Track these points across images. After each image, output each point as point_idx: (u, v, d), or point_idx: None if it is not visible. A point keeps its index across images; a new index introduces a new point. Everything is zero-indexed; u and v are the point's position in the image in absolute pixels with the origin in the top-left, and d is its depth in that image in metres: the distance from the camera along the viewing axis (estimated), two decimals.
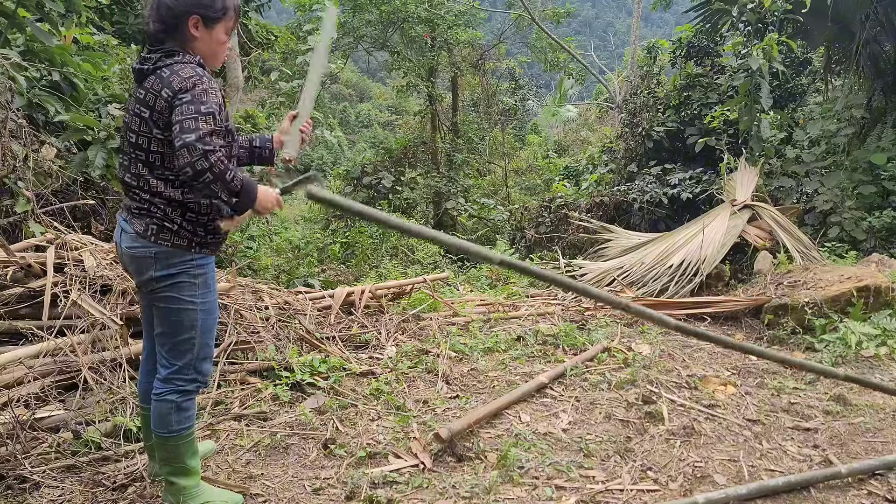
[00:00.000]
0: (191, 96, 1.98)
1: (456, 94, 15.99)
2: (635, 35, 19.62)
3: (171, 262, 2.15)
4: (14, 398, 2.85)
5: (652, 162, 9.40)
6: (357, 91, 41.86)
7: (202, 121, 1.95)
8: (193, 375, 2.25)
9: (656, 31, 45.58)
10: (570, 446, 2.88)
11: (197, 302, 2.20)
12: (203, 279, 2.21)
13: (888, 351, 3.99)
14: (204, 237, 2.19)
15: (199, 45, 2.14)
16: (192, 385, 2.25)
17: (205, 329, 2.24)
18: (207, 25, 2.12)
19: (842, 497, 2.49)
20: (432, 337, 4.35)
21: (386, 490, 2.49)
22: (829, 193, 7.19)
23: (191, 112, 1.95)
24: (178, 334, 2.21)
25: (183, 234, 2.14)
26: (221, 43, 2.19)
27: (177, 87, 2.00)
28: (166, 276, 2.16)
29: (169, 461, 2.27)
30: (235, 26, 2.21)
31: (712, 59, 9.75)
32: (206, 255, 2.21)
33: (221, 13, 2.13)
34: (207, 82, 2.04)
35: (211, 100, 2.01)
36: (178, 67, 2.05)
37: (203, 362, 2.27)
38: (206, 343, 2.26)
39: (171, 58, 2.09)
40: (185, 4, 2.08)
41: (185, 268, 2.17)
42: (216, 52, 2.19)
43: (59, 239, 3.80)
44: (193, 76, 2.03)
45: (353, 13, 14.33)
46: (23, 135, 4.30)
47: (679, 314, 5.02)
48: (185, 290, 2.18)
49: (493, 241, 10.40)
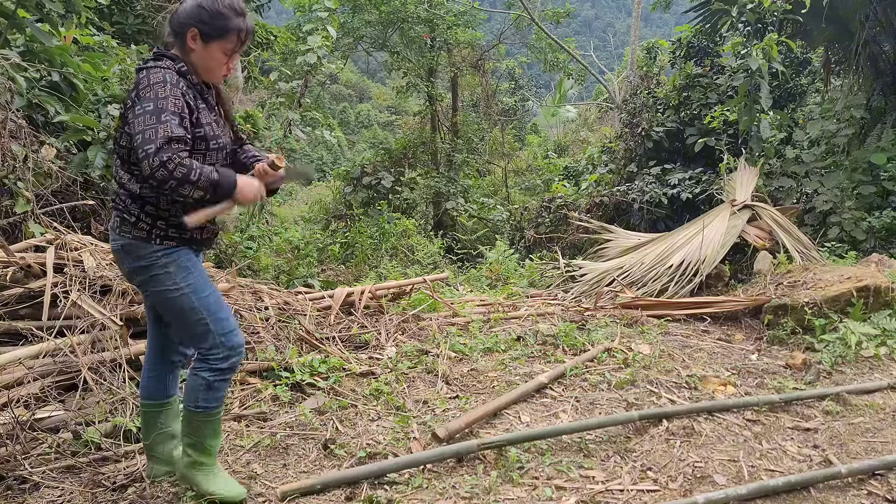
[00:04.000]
0: (153, 104, 2.02)
1: (456, 95, 15.99)
2: (635, 35, 19.63)
3: (138, 255, 2.20)
4: (14, 398, 2.85)
5: (651, 162, 9.40)
6: (357, 91, 41.87)
7: (161, 128, 1.98)
8: (226, 353, 2.27)
9: (656, 32, 45.59)
10: (570, 446, 2.88)
11: (181, 286, 2.21)
12: (176, 266, 2.21)
13: (888, 351, 3.99)
14: (165, 230, 2.20)
15: (195, 57, 2.20)
16: (226, 363, 2.28)
17: (207, 306, 2.25)
18: (205, 41, 2.17)
19: (841, 497, 2.49)
20: (432, 337, 4.34)
21: (386, 490, 2.50)
22: (828, 193, 7.19)
23: (150, 121, 1.99)
24: (184, 320, 2.26)
25: (141, 227, 2.18)
26: (216, 60, 2.21)
27: (141, 91, 2.06)
28: (138, 269, 2.22)
29: (190, 433, 2.36)
30: (238, 49, 2.21)
31: (712, 60, 9.76)
32: (170, 246, 2.21)
33: (219, 33, 2.16)
34: (172, 88, 2.06)
35: (171, 106, 2.03)
36: (153, 71, 2.10)
37: (228, 336, 2.28)
38: (219, 318, 2.27)
39: (156, 61, 2.16)
40: (187, 16, 2.16)
41: (151, 260, 2.20)
42: (210, 68, 2.22)
43: (58, 239, 3.80)
44: (159, 82, 2.06)
45: (353, 13, 14.33)
46: (22, 135, 4.30)
47: (679, 314, 5.03)
48: (163, 280, 2.21)
49: (493, 241, 10.40)
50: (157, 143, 1.97)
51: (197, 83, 2.22)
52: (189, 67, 2.20)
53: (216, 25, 2.15)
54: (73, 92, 4.83)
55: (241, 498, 2.38)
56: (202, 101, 2.23)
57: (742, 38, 7.76)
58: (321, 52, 8.68)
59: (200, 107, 2.20)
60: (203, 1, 2.16)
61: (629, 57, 19.46)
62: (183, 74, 2.17)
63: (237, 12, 2.18)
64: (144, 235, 2.18)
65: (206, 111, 2.24)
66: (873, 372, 3.79)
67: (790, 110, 9.52)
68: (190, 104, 2.13)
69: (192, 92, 2.17)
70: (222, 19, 2.15)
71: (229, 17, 2.16)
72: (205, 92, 2.26)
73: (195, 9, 2.15)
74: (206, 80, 2.28)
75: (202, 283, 2.27)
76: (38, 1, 4.58)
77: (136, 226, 2.18)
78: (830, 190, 7.23)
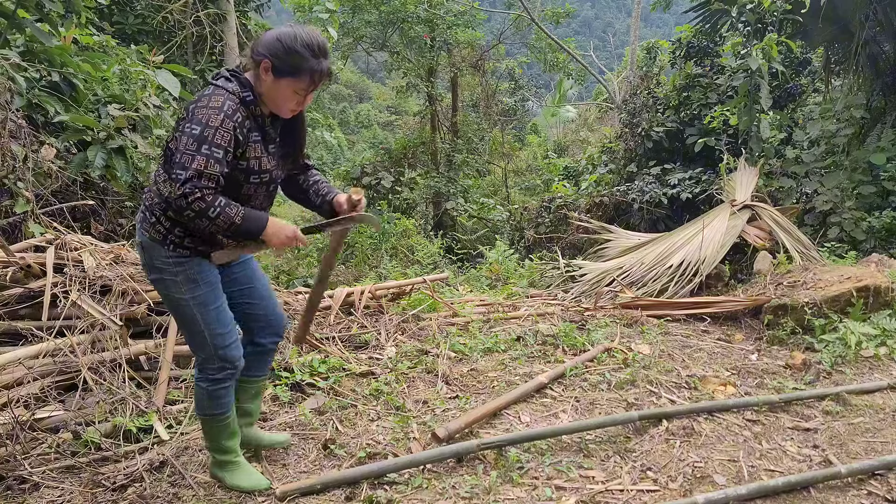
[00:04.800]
0: (199, 129, 2.01)
1: (455, 95, 15.99)
2: (635, 35, 19.65)
3: (152, 256, 2.22)
4: (14, 399, 2.85)
5: (651, 162, 9.40)
6: (357, 91, 41.87)
7: (197, 159, 1.99)
8: (220, 364, 2.33)
9: (656, 32, 45.60)
10: (570, 446, 2.87)
11: (186, 298, 2.23)
12: (184, 276, 2.22)
13: (888, 351, 3.99)
14: (181, 238, 2.20)
15: (265, 88, 2.15)
16: (221, 373, 2.35)
17: (208, 321, 2.27)
18: (276, 75, 2.12)
19: (841, 497, 2.49)
20: (432, 337, 4.34)
21: (386, 490, 2.50)
22: (828, 194, 7.19)
23: (191, 146, 2.00)
24: (184, 327, 2.33)
25: (159, 229, 2.19)
26: (285, 96, 2.16)
27: (198, 108, 2.05)
28: (151, 268, 2.26)
29: (207, 437, 2.48)
30: (310, 90, 2.16)
31: (712, 60, 9.76)
32: (183, 255, 2.22)
33: (291, 70, 2.11)
34: (224, 120, 2.03)
35: (216, 138, 2.01)
36: (217, 94, 2.08)
37: (225, 350, 2.32)
38: (218, 333, 2.29)
39: (227, 81, 2.14)
40: (264, 46, 2.12)
41: (163, 265, 2.22)
42: (277, 101, 2.18)
43: (58, 239, 3.80)
44: (216, 108, 2.04)
45: (353, 13, 14.33)
46: (22, 135, 4.30)
47: (679, 314, 5.03)
48: (171, 288, 2.25)
49: (493, 241, 10.40)
50: (187, 174, 1.97)
51: (258, 115, 2.18)
52: (256, 97, 2.16)
53: (289, 62, 2.10)
54: (72, 92, 4.83)
55: (263, 487, 2.48)
56: (258, 132, 2.19)
57: (742, 38, 7.76)
58: None
59: (253, 139, 2.16)
60: (283, 34, 2.12)
61: (629, 57, 19.47)
62: (246, 104, 2.13)
63: (314, 53, 2.11)
64: (160, 238, 2.19)
65: (260, 144, 2.19)
66: (873, 372, 3.78)
67: (790, 110, 9.52)
68: (239, 138, 2.09)
69: (248, 123, 2.13)
70: (297, 58, 2.10)
71: (304, 57, 2.10)
72: (265, 124, 2.22)
73: (273, 41, 2.11)
74: (272, 112, 2.24)
75: (208, 296, 2.27)
76: (38, 1, 4.59)
77: (155, 227, 2.19)
78: (830, 190, 7.23)
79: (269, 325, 2.57)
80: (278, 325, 2.61)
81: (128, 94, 5.14)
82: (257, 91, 2.16)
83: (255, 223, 2.14)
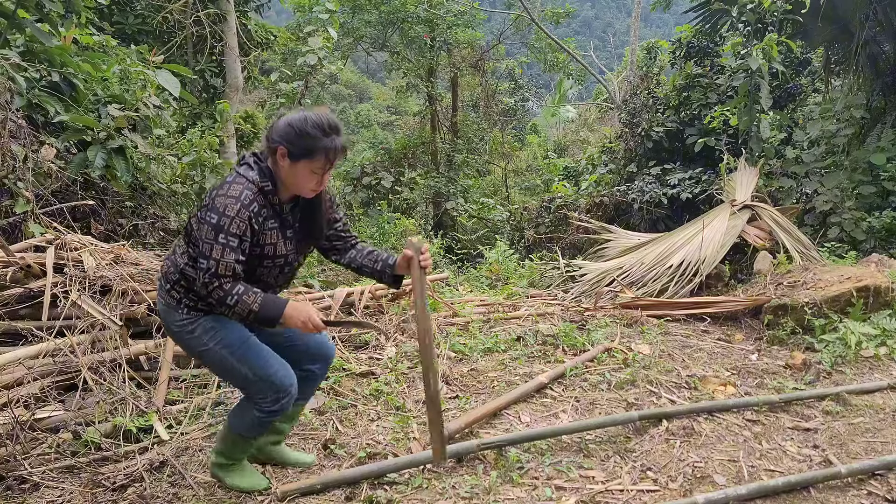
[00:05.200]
0: (217, 218, 2.07)
1: (455, 95, 15.99)
2: (635, 35, 19.63)
3: (169, 321, 2.29)
4: (14, 399, 2.85)
5: (651, 162, 9.40)
6: (357, 91, 41.87)
7: (216, 249, 2.06)
8: (274, 396, 2.28)
9: (656, 32, 45.60)
10: (570, 446, 2.87)
11: (210, 345, 2.25)
12: (202, 328, 2.25)
13: (888, 351, 3.99)
14: (195, 302, 2.25)
15: (282, 172, 2.19)
16: (276, 405, 2.29)
17: (242, 357, 2.25)
18: (292, 159, 2.15)
19: (841, 497, 2.49)
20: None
21: (386, 490, 2.50)
22: (828, 194, 7.19)
23: (210, 236, 2.07)
24: (224, 375, 2.35)
25: (173, 295, 2.27)
26: (305, 178, 2.18)
27: (218, 196, 2.11)
28: (172, 334, 2.33)
29: (225, 447, 2.46)
30: (327, 169, 2.18)
31: (712, 60, 9.76)
32: (197, 316, 2.26)
33: (306, 153, 2.14)
34: (240, 210, 2.08)
35: (232, 227, 2.07)
36: (237, 182, 2.13)
37: (272, 380, 2.26)
38: (259, 365, 2.26)
39: (249, 169, 2.18)
40: (277, 134, 2.16)
41: (180, 326, 2.26)
42: (297, 184, 2.20)
43: (58, 239, 3.80)
44: (233, 198, 2.09)
45: (353, 14, 14.33)
46: (22, 135, 4.30)
47: (679, 314, 5.03)
48: (193, 344, 2.28)
49: (493, 241, 10.40)
50: (207, 263, 2.06)
51: (276, 203, 2.21)
52: (274, 186, 2.19)
53: (303, 145, 2.13)
54: (73, 92, 4.83)
55: (262, 487, 2.49)
56: (276, 219, 2.23)
57: (742, 38, 7.76)
58: (321, 54, 8.68)
59: (270, 226, 2.20)
60: (293, 120, 2.16)
61: (629, 57, 19.46)
62: (265, 193, 2.17)
63: (325, 132, 2.14)
64: (174, 304, 2.26)
65: (277, 229, 2.23)
66: (873, 372, 3.78)
67: (790, 110, 9.52)
68: (255, 227, 2.14)
69: (265, 212, 2.17)
70: (309, 140, 2.13)
71: (317, 138, 2.13)
72: (283, 211, 2.26)
73: (285, 127, 2.15)
74: (294, 195, 2.27)
75: (232, 335, 2.27)
76: (38, 1, 4.59)
77: (170, 293, 2.27)
78: (830, 190, 7.23)
79: (314, 353, 2.55)
80: (324, 350, 2.58)
81: (128, 94, 5.14)
82: (277, 177, 2.20)
83: (273, 310, 2.15)
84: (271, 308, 2.15)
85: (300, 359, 2.51)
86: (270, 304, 2.15)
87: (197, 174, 5.87)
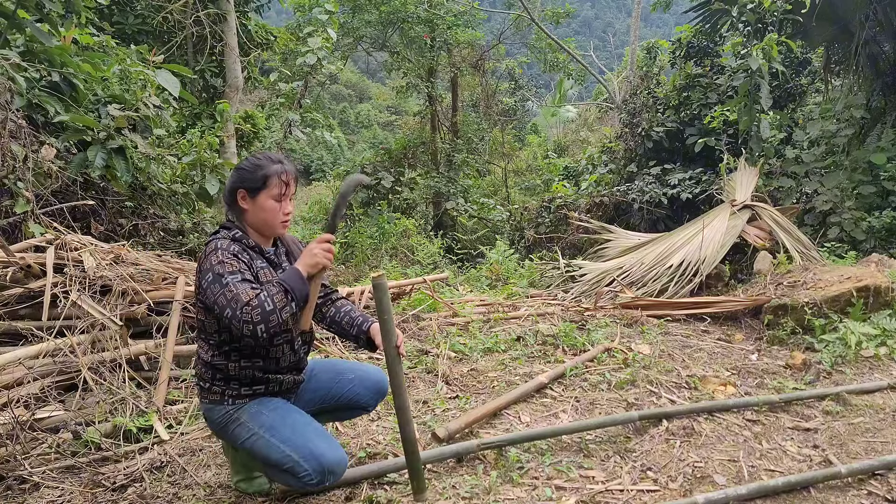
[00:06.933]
0: (212, 272, 2.13)
1: (455, 95, 15.99)
2: (635, 35, 19.64)
3: (213, 419, 2.30)
4: (14, 399, 2.85)
5: (651, 162, 9.40)
6: (357, 91, 41.89)
7: (227, 292, 2.08)
8: (318, 478, 2.20)
9: (656, 32, 45.62)
10: (570, 446, 2.87)
11: (255, 430, 2.24)
12: (247, 415, 2.26)
13: (888, 351, 3.99)
14: (238, 390, 2.28)
15: (249, 216, 2.29)
16: (318, 477, 2.20)
17: (287, 440, 2.22)
18: (251, 196, 2.25)
19: (841, 497, 2.49)
20: (432, 337, 4.34)
21: (386, 490, 2.50)
22: (828, 194, 7.19)
23: (216, 289, 2.10)
24: (270, 461, 2.24)
25: (214, 391, 2.28)
26: (269, 210, 2.26)
27: (203, 265, 2.18)
28: (218, 432, 2.33)
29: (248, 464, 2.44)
30: (285, 192, 2.26)
31: (712, 60, 9.76)
32: (243, 403, 2.28)
33: (261, 182, 2.24)
34: (223, 253, 2.15)
35: (227, 268, 2.12)
36: (210, 244, 2.22)
37: (319, 461, 2.19)
38: (301, 445, 2.21)
39: (216, 233, 2.26)
40: (232, 182, 2.28)
41: (226, 419, 2.28)
42: (266, 220, 2.28)
43: (58, 239, 3.80)
44: (213, 251, 2.17)
45: (353, 14, 14.33)
46: (22, 135, 4.30)
47: (679, 314, 5.03)
48: (240, 433, 2.27)
49: (493, 241, 10.40)
50: (231, 307, 2.05)
51: (253, 245, 2.28)
52: (244, 232, 2.28)
53: (255, 177, 2.23)
54: (73, 92, 4.83)
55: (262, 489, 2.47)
56: (261, 259, 2.28)
57: (742, 38, 7.76)
58: (321, 54, 8.68)
59: (260, 265, 2.26)
60: (239, 165, 2.29)
61: (629, 57, 19.47)
62: (237, 240, 2.24)
63: (270, 160, 2.27)
64: (217, 398, 2.28)
65: (268, 269, 2.27)
66: (873, 372, 3.78)
67: (790, 110, 9.52)
68: (244, 260, 2.19)
69: (248, 254, 2.23)
70: (259, 170, 2.24)
71: (265, 165, 2.24)
72: (266, 252, 2.32)
73: (235, 173, 2.28)
74: (268, 236, 2.35)
75: (276, 418, 2.27)
76: (38, 1, 4.59)
77: (210, 391, 2.29)
78: (830, 190, 7.23)
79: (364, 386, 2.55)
80: (374, 381, 2.57)
81: (128, 94, 5.14)
82: (245, 223, 2.30)
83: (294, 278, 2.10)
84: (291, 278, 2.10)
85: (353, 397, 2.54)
86: (286, 277, 2.10)
87: (197, 174, 5.87)
